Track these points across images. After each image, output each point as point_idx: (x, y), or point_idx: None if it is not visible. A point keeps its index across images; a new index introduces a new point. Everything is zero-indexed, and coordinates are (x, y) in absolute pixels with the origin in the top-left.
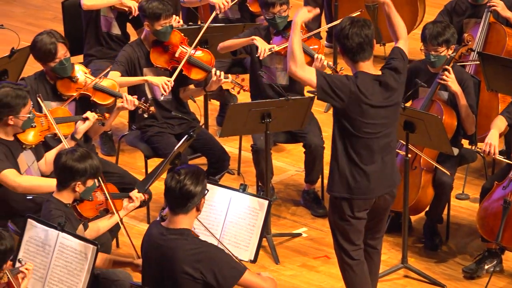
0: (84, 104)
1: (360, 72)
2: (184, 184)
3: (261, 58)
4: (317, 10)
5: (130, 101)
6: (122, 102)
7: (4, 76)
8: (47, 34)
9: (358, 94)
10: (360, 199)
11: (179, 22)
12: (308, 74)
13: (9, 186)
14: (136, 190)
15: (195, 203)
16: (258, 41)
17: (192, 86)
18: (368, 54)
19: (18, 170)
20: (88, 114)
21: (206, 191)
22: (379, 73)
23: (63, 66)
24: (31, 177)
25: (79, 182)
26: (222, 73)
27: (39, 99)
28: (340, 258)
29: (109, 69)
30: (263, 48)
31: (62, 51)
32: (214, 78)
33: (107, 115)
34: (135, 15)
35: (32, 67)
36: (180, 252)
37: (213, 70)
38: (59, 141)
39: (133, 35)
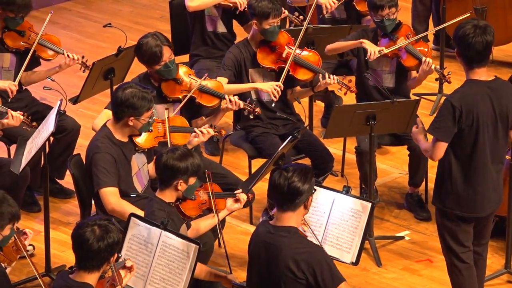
0: (189, 105)
1: (470, 81)
2: (293, 181)
3: (370, 60)
4: None
5: (235, 103)
6: (227, 103)
7: (110, 75)
8: (151, 36)
9: (467, 114)
10: (472, 216)
11: (298, 17)
12: (438, 146)
13: (104, 204)
14: (240, 191)
15: (303, 200)
16: (367, 44)
17: (298, 87)
18: (486, 61)
19: (130, 172)
20: (206, 129)
21: (314, 190)
22: (492, 77)
23: (168, 69)
24: (126, 204)
25: (181, 181)
26: (329, 74)
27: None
28: (449, 260)
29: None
30: (373, 50)
31: (167, 53)
32: (321, 79)
33: (223, 132)
34: (242, 10)
35: (139, 66)
36: (286, 249)
37: (321, 72)
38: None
39: (240, 34)
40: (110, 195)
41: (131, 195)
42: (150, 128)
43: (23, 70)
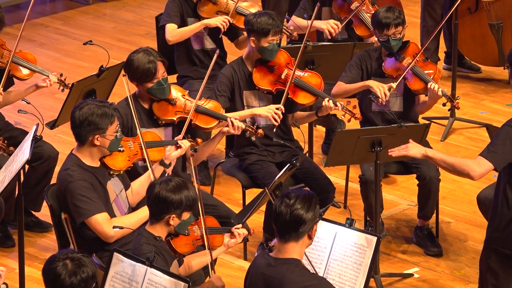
0: (182, 128)
1: None
2: (295, 209)
3: (383, 103)
4: None
5: (237, 127)
6: (228, 126)
7: (91, 97)
8: (143, 51)
9: None
10: None
11: (292, 31)
12: (486, 166)
13: (100, 234)
14: (240, 225)
15: (307, 230)
16: (374, 85)
17: (300, 112)
18: None
19: (108, 199)
20: (182, 141)
21: (319, 218)
22: None
23: (161, 87)
24: (120, 219)
25: (173, 215)
26: (331, 101)
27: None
28: None
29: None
30: (382, 91)
31: (161, 70)
32: (324, 104)
33: (199, 140)
34: (225, 30)
35: (122, 87)
36: (289, 283)
37: (323, 97)
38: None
39: (231, 52)
40: (103, 223)
41: (115, 228)
42: (121, 147)
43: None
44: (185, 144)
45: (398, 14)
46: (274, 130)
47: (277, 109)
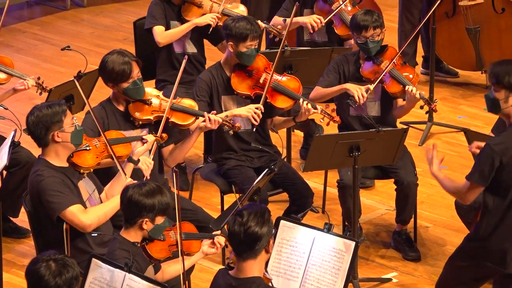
0: (159, 128)
1: None
2: (249, 226)
3: (360, 104)
4: None
5: (214, 121)
6: (205, 121)
7: (70, 102)
8: (117, 53)
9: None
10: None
11: (277, 26)
12: (475, 190)
13: (76, 226)
14: (220, 232)
15: (263, 245)
16: (351, 88)
17: (278, 117)
18: None
19: (81, 197)
20: (147, 135)
21: (274, 230)
22: None
23: (137, 87)
24: (95, 208)
25: (146, 219)
26: (309, 104)
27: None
28: None
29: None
30: (360, 93)
31: (136, 70)
32: (302, 109)
33: (164, 135)
34: (214, 27)
35: (101, 93)
36: None
37: (301, 99)
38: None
39: (210, 57)
40: (78, 212)
41: (92, 234)
42: (87, 146)
43: None
44: (150, 138)
45: (376, 17)
46: (254, 129)
47: (256, 108)
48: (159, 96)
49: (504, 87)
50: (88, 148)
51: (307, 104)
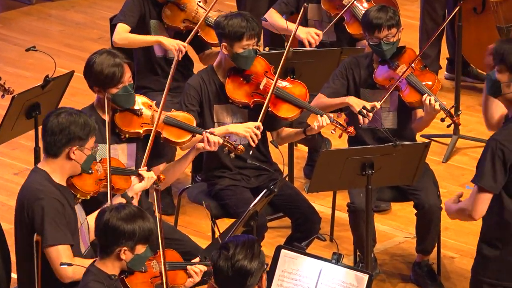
0: (146, 144)
1: None
2: (236, 260)
3: (364, 124)
4: None
5: (213, 142)
6: (203, 141)
7: (35, 112)
8: (107, 53)
9: None
10: None
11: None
12: (483, 197)
13: (55, 269)
14: (198, 259)
15: (255, 282)
16: (354, 104)
17: (286, 129)
18: None
19: (77, 223)
20: (144, 172)
21: (266, 265)
22: None
23: (128, 94)
24: (82, 261)
25: (125, 248)
26: (325, 116)
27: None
28: None
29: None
30: (364, 112)
31: (128, 74)
32: (318, 120)
33: (162, 176)
34: (179, 59)
35: (70, 100)
36: None
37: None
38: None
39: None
40: (64, 256)
41: (61, 266)
42: (90, 169)
43: None
44: (149, 175)
45: (392, 15)
46: (251, 152)
47: (256, 127)
48: (151, 106)
49: (509, 69)
50: (90, 171)
51: (321, 116)
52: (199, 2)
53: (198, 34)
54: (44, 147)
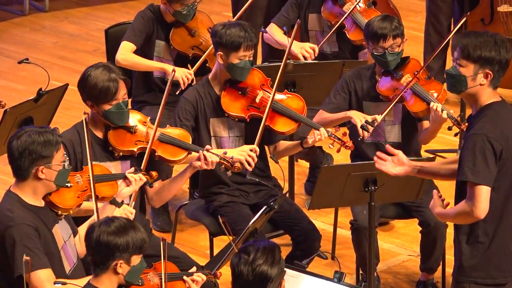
0: (141, 162)
1: (497, 104)
2: (258, 265)
3: (364, 138)
4: None
5: (211, 162)
6: (199, 159)
7: (28, 125)
8: (103, 67)
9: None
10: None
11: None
12: (480, 191)
13: None
14: (195, 269)
15: None
16: (355, 117)
17: (283, 143)
18: None
19: (56, 245)
20: (131, 175)
21: (284, 272)
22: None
23: (121, 111)
24: (69, 282)
25: (121, 261)
26: (321, 129)
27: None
28: None
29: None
30: (366, 126)
31: (122, 91)
32: (315, 133)
33: (154, 173)
34: (184, 88)
35: (64, 114)
36: None
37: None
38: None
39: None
40: (46, 281)
41: (55, 285)
42: (68, 183)
43: None
44: (136, 177)
45: (397, 24)
46: (247, 177)
47: (251, 150)
48: (146, 123)
49: (474, 62)
50: (69, 185)
51: (319, 129)
52: (209, 28)
53: (206, 65)
54: (12, 171)
